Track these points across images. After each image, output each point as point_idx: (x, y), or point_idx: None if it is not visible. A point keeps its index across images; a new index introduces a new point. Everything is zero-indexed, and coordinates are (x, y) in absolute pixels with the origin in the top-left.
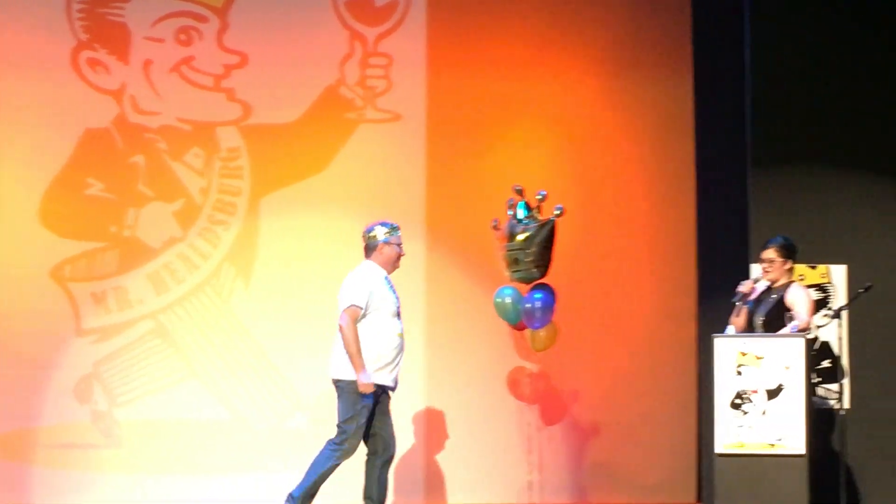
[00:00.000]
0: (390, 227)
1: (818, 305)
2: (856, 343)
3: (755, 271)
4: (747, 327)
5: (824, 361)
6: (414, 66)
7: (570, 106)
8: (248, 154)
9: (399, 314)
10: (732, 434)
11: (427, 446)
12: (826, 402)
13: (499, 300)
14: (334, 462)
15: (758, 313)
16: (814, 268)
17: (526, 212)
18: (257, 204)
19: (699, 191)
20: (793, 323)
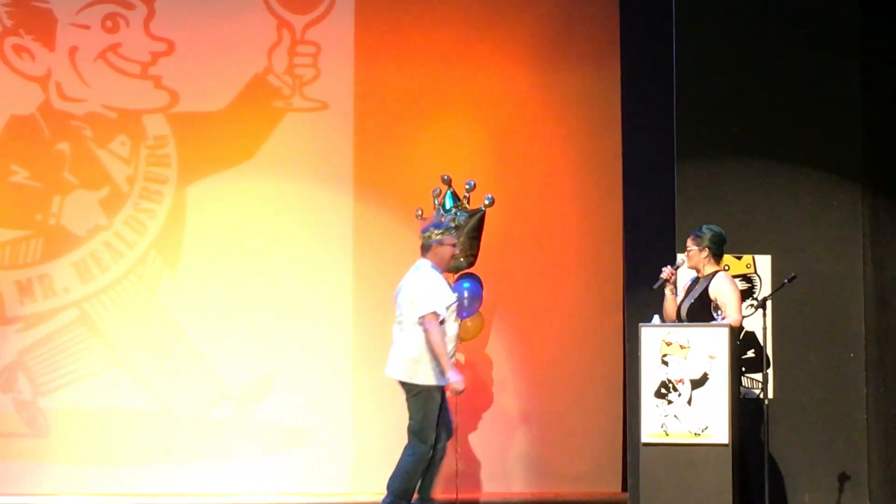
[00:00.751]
0: (444, 228)
1: (743, 296)
2: (780, 333)
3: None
4: (676, 317)
5: (749, 351)
6: (342, 55)
7: (498, 96)
8: (174, 142)
9: (456, 313)
10: (657, 424)
11: (354, 436)
12: (751, 392)
13: None
14: (422, 462)
15: (684, 303)
16: (739, 258)
17: (453, 202)
18: (184, 192)
19: (626, 182)
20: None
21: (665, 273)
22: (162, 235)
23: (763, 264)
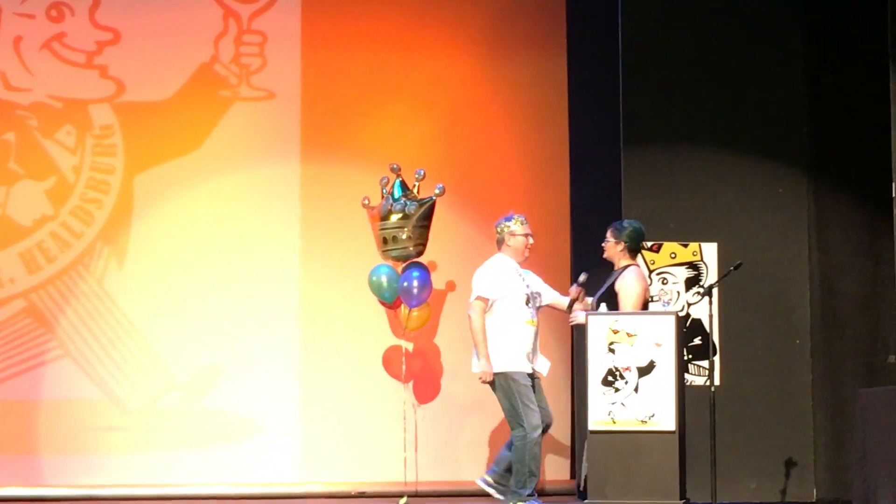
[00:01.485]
0: (514, 219)
1: (690, 283)
2: (726, 320)
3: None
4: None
5: (695, 339)
6: (288, 44)
7: (445, 84)
8: (121, 131)
9: (529, 302)
10: (604, 411)
11: (303, 425)
12: (697, 379)
13: (374, 278)
14: (529, 447)
15: (598, 294)
16: (685, 246)
17: (401, 191)
18: (131, 182)
19: (573, 170)
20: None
21: (573, 293)
22: (109, 225)
23: (709, 252)
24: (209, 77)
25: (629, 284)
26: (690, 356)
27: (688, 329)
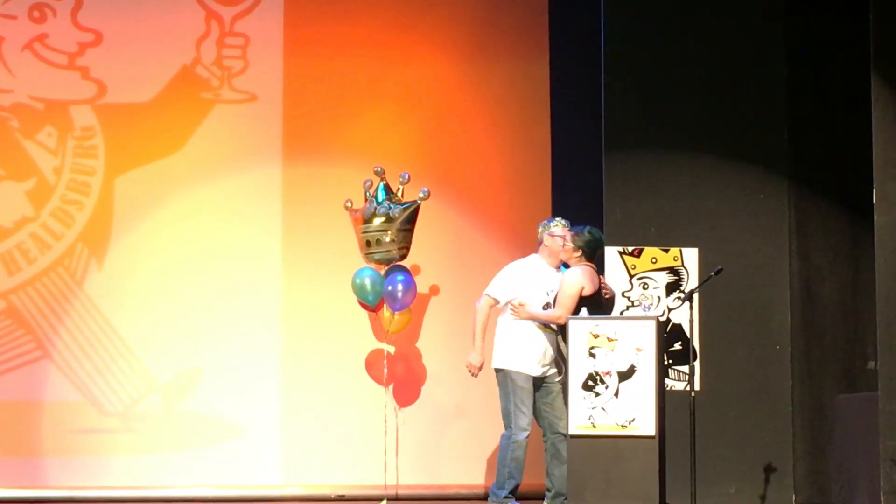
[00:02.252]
0: (556, 221)
1: (670, 288)
2: (707, 325)
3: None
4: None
5: (676, 343)
6: (270, 47)
7: (427, 88)
8: (102, 133)
9: (548, 307)
10: (585, 416)
11: (283, 428)
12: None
13: (358, 281)
14: (512, 448)
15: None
16: (666, 251)
17: (384, 194)
18: (112, 184)
19: (555, 174)
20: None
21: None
22: (89, 227)
23: (690, 257)
24: (191, 79)
25: (568, 283)
26: (671, 361)
27: (668, 334)
